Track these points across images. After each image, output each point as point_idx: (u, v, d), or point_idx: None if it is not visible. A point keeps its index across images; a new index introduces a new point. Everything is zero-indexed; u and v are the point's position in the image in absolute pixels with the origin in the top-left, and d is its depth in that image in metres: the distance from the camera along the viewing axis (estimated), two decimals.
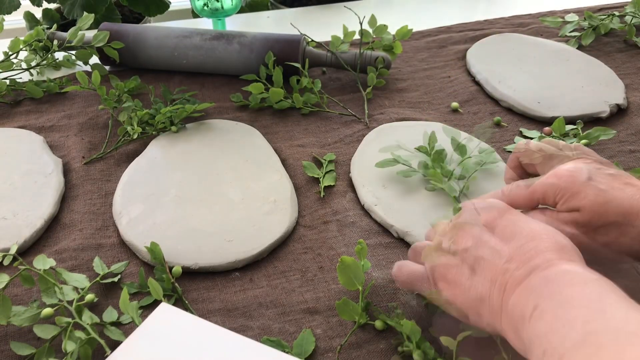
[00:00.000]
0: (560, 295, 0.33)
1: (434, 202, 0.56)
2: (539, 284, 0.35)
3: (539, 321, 0.33)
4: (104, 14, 1.06)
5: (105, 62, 0.78)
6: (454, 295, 0.40)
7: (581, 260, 0.37)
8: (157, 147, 0.64)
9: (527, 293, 0.35)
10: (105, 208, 0.57)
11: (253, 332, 0.46)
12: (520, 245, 0.38)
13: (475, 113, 0.71)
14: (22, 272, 0.45)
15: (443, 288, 0.41)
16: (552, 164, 0.47)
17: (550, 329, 0.32)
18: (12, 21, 1.29)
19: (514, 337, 0.35)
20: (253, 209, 0.56)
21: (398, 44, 0.77)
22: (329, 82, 0.77)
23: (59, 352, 0.42)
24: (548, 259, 0.36)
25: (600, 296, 0.32)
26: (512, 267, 0.37)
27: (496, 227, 0.40)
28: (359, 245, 0.47)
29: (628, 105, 0.71)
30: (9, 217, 0.54)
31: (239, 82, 0.75)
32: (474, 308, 0.39)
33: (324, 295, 0.49)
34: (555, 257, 0.36)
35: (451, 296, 0.40)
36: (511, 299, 0.36)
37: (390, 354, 0.44)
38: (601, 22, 0.86)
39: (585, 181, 0.43)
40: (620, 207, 0.42)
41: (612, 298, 0.32)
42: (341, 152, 0.64)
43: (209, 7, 0.84)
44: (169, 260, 0.50)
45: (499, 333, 0.38)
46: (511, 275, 0.37)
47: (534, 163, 0.49)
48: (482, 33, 0.87)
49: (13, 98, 0.73)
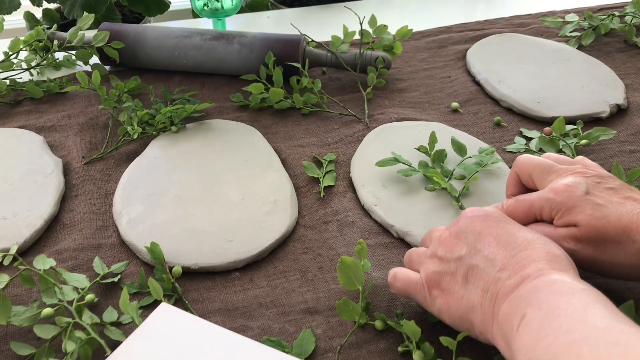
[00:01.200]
0: (547, 304, 0.34)
1: (434, 203, 0.56)
2: (528, 293, 0.35)
3: (525, 330, 0.33)
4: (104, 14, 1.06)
5: (105, 62, 0.78)
6: (447, 304, 0.40)
7: (574, 270, 0.37)
8: (157, 147, 0.64)
9: (517, 302, 0.35)
10: (105, 208, 0.57)
11: (253, 332, 0.46)
12: (513, 255, 0.38)
13: (475, 113, 0.71)
14: (22, 272, 0.45)
15: (436, 295, 0.41)
16: (550, 178, 0.46)
17: (535, 338, 0.32)
18: (12, 21, 1.29)
19: (505, 346, 0.35)
20: (253, 209, 0.56)
21: (398, 44, 0.77)
22: (329, 82, 0.77)
23: (59, 352, 0.42)
24: (539, 268, 0.36)
25: (586, 306, 0.32)
26: (504, 276, 0.37)
27: (491, 235, 0.40)
28: (359, 245, 0.47)
29: (628, 105, 0.71)
30: (9, 217, 0.54)
31: (239, 82, 0.75)
32: (466, 316, 0.39)
33: (324, 295, 0.49)
34: (547, 266, 0.36)
35: (444, 304, 0.40)
36: (502, 308, 0.36)
37: (390, 354, 0.44)
38: (601, 22, 0.86)
39: (582, 195, 0.43)
40: (619, 222, 0.41)
41: (597, 308, 0.32)
42: (341, 152, 0.64)
43: (209, 7, 0.84)
44: (169, 260, 0.50)
45: (491, 342, 0.38)
46: (503, 284, 0.37)
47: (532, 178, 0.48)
48: (482, 33, 0.87)
49: (13, 98, 0.73)
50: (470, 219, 0.42)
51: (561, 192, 0.43)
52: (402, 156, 0.59)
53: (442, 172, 0.59)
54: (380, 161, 0.59)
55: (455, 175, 0.59)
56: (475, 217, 0.42)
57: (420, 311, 0.47)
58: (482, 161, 0.59)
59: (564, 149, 0.62)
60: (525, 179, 0.49)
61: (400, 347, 0.44)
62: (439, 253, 0.42)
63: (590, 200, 0.42)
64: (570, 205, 0.43)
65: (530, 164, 0.48)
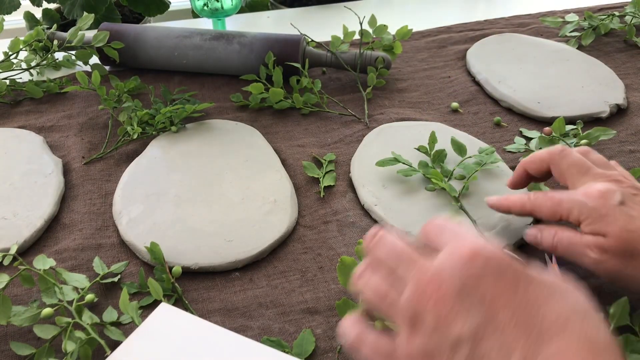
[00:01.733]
0: None
1: (434, 202, 0.56)
2: None
3: None
4: (104, 14, 1.06)
5: (105, 62, 0.78)
6: None
7: (618, 355, 0.29)
8: (157, 147, 0.64)
9: None
10: (105, 208, 0.57)
11: (253, 332, 0.46)
12: (539, 345, 0.28)
13: (475, 113, 0.71)
14: (22, 272, 0.45)
15: None
16: (584, 179, 0.44)
17: None
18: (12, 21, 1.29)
19: None
20: (253, 209, 0.56)
21: (398, 44, 0.77)
22: (329, 82, 0.77)
23: (59, 352, 0.42)
24: None
25: None
26: None
27: (508, 309, 0.29)
28: (358, 245, 0.47)
29: (628, 105, 0.71)
30: (9, 217, 0.54)
31: (239, 82, 0.75)
32: None
33: (324, 295, 0.49)
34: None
35: None
36: None
37: None
38: (601, 22, 0.86)
39: (616, 205, 0.40)
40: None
41: None
42: (341, 152, 0.64)
43: (209, 7, 0.84)
44: (169, 260, 0.50)
45: None
46: None
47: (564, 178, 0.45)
48: (482, 33, 0.87)
49: (13, 98, 0.73)
50: (479, 271, 0.30)
51: (595, 198, 0.41)
52: (402, 156, 0.59)
53: (442, 172, 0.59)
54: (380, 161, 0.59)
55: (455, 175, 0.59)
56: (487, 268, 0.30)
57: None
58: (482, 161, 0.59)
59: None
60: (556, 174, 0.46)
61: None
62: (427, 318, 0.30)
63: (624, 212, 0.40)
64: (603, 214, 0.41)
65: (568, 159, 0.45)
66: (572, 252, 0.43)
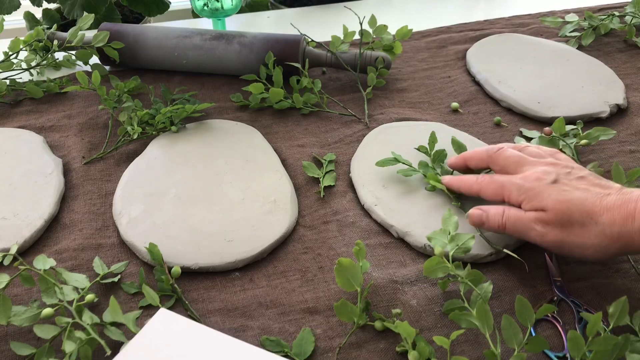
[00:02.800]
0: None
1: (434, 202, 0.56)
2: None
3: None
4: (104, 14, 1.06)
5: (105, 62, 0.78)
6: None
7: None
8: (157, 147, 0.64)
9: None
10: (105, 208, 0.57)
11: (253, 332, 0.46)
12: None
13: (475, 113, 0.71)
14: (22, 272, 0.45)
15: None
16: (523, 170, 0.50)
17: None
18: (12, 21, 1.29)
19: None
20: (253, 209, 0.56)
21: (398, 44, 0.77)
22: (329, 82, 0.77)
23: (59, 352, 0.42)
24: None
25: None
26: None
27: None
28: (356, 246, 0.47)
29: (628, 105, 0.71)
30: (9, 217, 0.54)
31: (239, 82, 0.75)
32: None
33: (323, 295, 0.49)
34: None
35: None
36: None
37: (390, 353, 0.44)
38: (601, 22, 0.86)
39: (549, 184, 0.46)
40: (583, 206, 0.44)
41: None
42: (341, 152, 0.64)
43: (209, 7, 0.84)
44: (169, 260, 0.50)
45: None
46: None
47: None
48: (482, 33, 0.87)
49: (13, 98, 0.73)
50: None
51: (532, 180, 0.47)
52: (402, 156, 0.59)
53: (442, 172, 0.59)
54: (380, 161, 0.59)
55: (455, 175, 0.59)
56: None
57: (420, 310, 0.47)
58: None
59: (564, 149, 0.62)
60: (497, 170, 0.52)
61: (397, 347, 0.44)
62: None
63: (556, 187, 0.46)
64: (538, 192, 0.46)
65: (504, 154, 0.51)
66: (519, 228, 0.48)
